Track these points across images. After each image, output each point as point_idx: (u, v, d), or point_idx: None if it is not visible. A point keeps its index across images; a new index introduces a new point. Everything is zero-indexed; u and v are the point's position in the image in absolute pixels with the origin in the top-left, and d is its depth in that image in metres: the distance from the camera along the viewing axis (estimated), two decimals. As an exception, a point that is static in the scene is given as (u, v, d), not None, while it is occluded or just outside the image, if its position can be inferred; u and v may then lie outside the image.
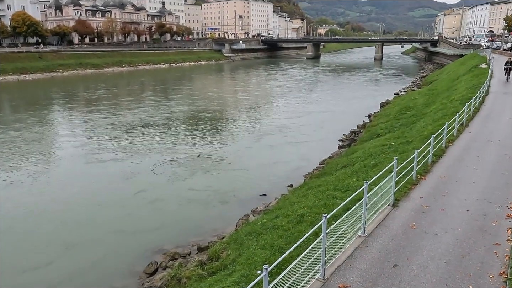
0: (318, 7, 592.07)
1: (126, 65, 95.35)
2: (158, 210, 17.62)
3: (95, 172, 22.70)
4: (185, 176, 21.84)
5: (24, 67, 75.05)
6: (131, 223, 16.40)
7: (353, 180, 13.49)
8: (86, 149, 27.31)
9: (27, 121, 36.74)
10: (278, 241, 9.63)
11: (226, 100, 51.63)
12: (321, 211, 10.89)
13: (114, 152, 26.37)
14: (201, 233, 15.27)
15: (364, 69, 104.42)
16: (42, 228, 15.91)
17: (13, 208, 17.83)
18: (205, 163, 23.95)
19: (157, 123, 36.01)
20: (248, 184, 20.75)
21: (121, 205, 18.08)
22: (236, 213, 16.51)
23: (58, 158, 25.64)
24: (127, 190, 19.80)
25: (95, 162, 24.55)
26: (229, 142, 29.32)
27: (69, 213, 17.16)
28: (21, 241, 14.93)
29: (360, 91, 59.12)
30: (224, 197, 18.97)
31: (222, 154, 25.96)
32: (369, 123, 30.23)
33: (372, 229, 9.13)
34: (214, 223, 16.27)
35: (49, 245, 14.52)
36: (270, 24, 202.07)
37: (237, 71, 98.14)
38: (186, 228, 15.87)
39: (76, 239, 14.96)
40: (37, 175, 22.03)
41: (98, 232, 15.63)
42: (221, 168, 23.33)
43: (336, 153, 24.00)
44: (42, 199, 18.70)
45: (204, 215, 17.14)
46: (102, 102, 48.92)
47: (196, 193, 19.47)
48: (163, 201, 18.54)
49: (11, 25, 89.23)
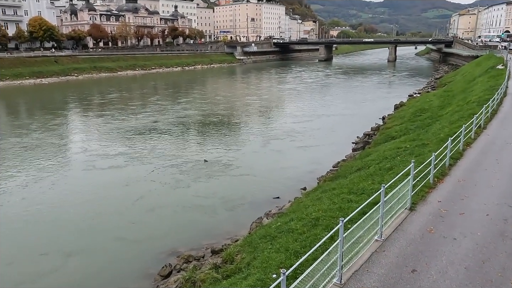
0: (330, 9, 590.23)
1: (139, 68, 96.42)
2: (171, 213, 17.68)
3: (109, 176, 22.78)
4: (197, 180, 21.84)
5: (41, 71, 76.51)
6: (144, 226, 16.48)
7: (368, 183, 13.33)
8: (97, 154, 27.25)
9: (36, 126, 36.89)
10: (293, 244, 9.55)
11: (237, 104, 51.31)
12: (336, 214, 10.79)
13: (125, 157, 26.28)
14: (214, 236, 15.27)
15: (377, 71, 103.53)
16: (57, 232, 16.04)
17: (28, 210, 18.06)
18: (217, 167, 23.91)
19: (168, 127, 35.91)
20: (261, 187, 20.69)
21: (135, 209, 18.16)
22: (250, 216, 16.48)
23: (71, 163, 25.64)
24: (140, 194, 19.85)
25: (108, 166, 24.49)
26: (240, 146, 29.22)
27: (83, 217, 17.26)
28: (36, 244, 15.13)
29: (373, 93, 58.58)
30: (237, 200, 18.94)
31: (233, 158, 25.88)
32: (383, 126, 29.90)
33: (389, 233, 8.98)
34: (227, 226, 16.26)
35: (65, 248, 14.65)
36: (282, 26, 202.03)
37: (248, 74, 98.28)
38: (200, 230, 15.89)
39: (91, 243, 15.08)
40: (49, 181, 22.13)
41: (113, 235, 15.76)
42: (233, 171, 23.29)
43: (350, 155, 23.79)
44: (55, 203, 18.81)
45: (218, 218, 17.14)
46: (113, 106, 49.16)
47: (208, 196, 19.49)
48: (176, 205, 18.58)
49: (28, 30, 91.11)
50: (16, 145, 29.75)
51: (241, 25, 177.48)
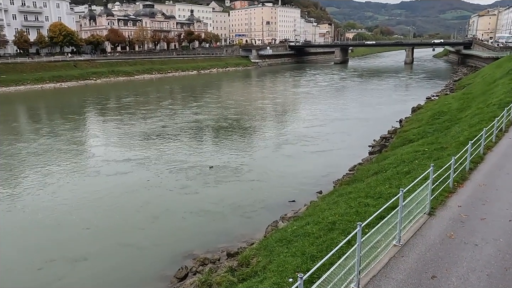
0: (346, 11, 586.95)
1: (156, 72, 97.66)
2: (186, 217, 17.72)
3: (119, 181, 22.64)
4: (211, 183, 21.87)
5: (60, 75, 78.28)
6: (159, 230, 16.60)
7: (386, 187, 13.14)
8: (108, 159, 27.03)
9: (49, 130, 37.08)
10: (309, 248, 9.47)
11: (249, 108, 50.61)
12: (353, 218, 10.67)
13: (135, 162, 26.05)
14: (230, 239, 15.29)
15: (394, 73, 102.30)
16: (71, 235, 16.12)
17: (48, 212, 18.38)
18: (231, 171, 23.88)
19: (178, 132, 35.72)
20: (276, 191, 20.64)
21: (148, 213, 18.24)
22: (265, 219, 16.45)
23: (81, 168, 25.33)
24: (152, 198, 19.96)
25: (118, 171, 24.29)
26: (253, 151, 29.03)
27: (96, 221, 17.39)
28: (55, 244, 15.41)
29: (389, 96, 57.90)
30: (252, 204, 18.92)
31: (247, 162, 25.82)
32: (400, 129, 29.49)
33: (408, 238, 8.83)
34: (243, 229, 16.27)
35: (80, 251, 14.78)
36: (298, 29, 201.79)
37: (262, 77, 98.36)
38: (215, 233, 15.93)
39: (107, 246, 15.22)
40: (61, 185, 22.30)
41: (129, 237, 15.91)
42: (247, 175, 23.24)
43: (366, 159, 23.53)
44: (67, 208, 18.83)
45: (233, 221, 17.15)
46: (125, 110, 49.30)
47: (223, 200, 19.52)
48: (191, 208, 18.63)
49: (49, 35, 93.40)
50: (23, 150, 29.70)
51: (256, 29, 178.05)
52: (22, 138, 34.01)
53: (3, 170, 24.73)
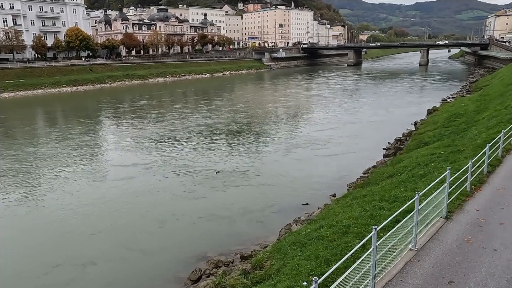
0: (359, 13, 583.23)
1: (169, 75, 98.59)
2: (199, 219, 17.76)
3: (130, 185, 22.54)
4: (221, 187, 21.80)
5: (77, 79, 79.70)
6: (170, 232, 16.70)
7: (401, 191, 12.98)
8: (118, 163, 27.05)
9: (60, 134, 37.41)
10: (323, 252, 9.41)
11: (259, 112, 49.84)
12: (368, 222, 10.57)
13: (145, 166, 25.96)
14: (243, 241, 15.29)
15: (408, 75, 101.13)
16: (78, 238, 16.19)
17: (53, 217, 18.46)
18: (243, 175, 23.83)
19: (190, 134, 35.75)
20: (289, 194, 20.57)
21: (158, 215, 18.32)
22: (278, 222, 16.40)
23: (92, 172, 25.37)
24: (161, 202, 20.01)
25: (128, 175, 24.18)
26: (265, 154, 28.79)
27: (106, 224, 17.41)
28: (61, 249, 15.44)
29: (404, 99, 57.19)
30: (264, 207, 18.89)
31: (258, 165, 25.77)
32: (416, 131, 29.11)
33: (424, 242, 8.69)
34: (256, 232, 16.25)
35: (88, 255, 14.83)
36: (310, 31, 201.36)
37: (275, 80, 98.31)
38: (229, 236, 15.95)
39: (116, 248, 15.35)
40: (73, 184, 22.66)
41: (138, 241, 15.99)
42: (260, 178, 23.17)
43: (380, 162, 23.28)
44: (76, 210, 18.96)
45: (246, 224, 17.16)
46: (137, 114, 49.40)
47: (237, 202, 19.55)
48: (204, 211, 18.68)
49: (65, 40, 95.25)
50: (32, 154, 29.87)
51: (269, 31, 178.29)
52: (32, 142, 34.30)
53: (11, 175, 24.86)
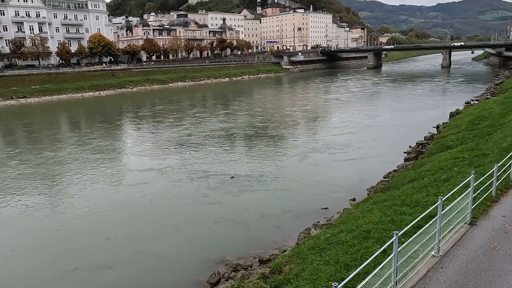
0: (379, 15, 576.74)
1: (189, 80, 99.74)
2: (216, 223, 17.81)
3: (144, 189, 22.56)
4: (240, 191, 21.79)
5: (99, 84, 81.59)
6: (191, 236, 16.79)
7: (423, 195, 12.71)
8: (136, 166, 27.40)
9: (79, 138, 38.17)
10: (343, 257, 9.29)
11: (276, 116, 49.20)
12: (389, 227, 10.38)
13: (160, 170, 26.03)
14: (262, 245, 15.26)
15: (429, 77, 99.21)
16: (93, 243, 16.34)
17: (67, 221, 18.66)
18: (260, 179, 23.77)
19: (206, 139, 35.63)
20: (307, 198, 20.43)
21: (173, 220, 18.41)
22: (297, 227, 16.30)
23: (111, 174, 25.80)
24: (176, 206, 20.09)
25: (144, 179, 24.20)
26: (281, 158, 28.49)
27: (121, 229, 17.51)
28: (77, 254, 15.51)
29: (425, 102, 56.07)
30: (283, 211, 18.81)
31: (275, 169, 25.62)
32: (438, 135, 28.47)
33: (448, 249, 8.47)
34: (274, 236, 16.20)
35: (104, 259, 14.98)
36: (329, 35, 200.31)
37: (293, 84, 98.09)
38: (247, 240, 15.96)
39: (133, 252, 15.47)
40: (88, 189, 22.91)
41: (160, 243, 16.14)
42: (278, 182, 23.10)
43: (401, 166, 22.86)
44: (91, 215, 19.12)
45: (264, 228, 17.12)
46: (154, 118, 49.90)
47: (255, 206, 19.55)
48: (222, 214, 18.75)
49: (88, 46, 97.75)
50: (50, 159, 30.17)
51: (288, 35, 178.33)
52: (52, 147, 34.82)
53: (27, 179, 25.21)
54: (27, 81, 74.87)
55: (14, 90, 70.19)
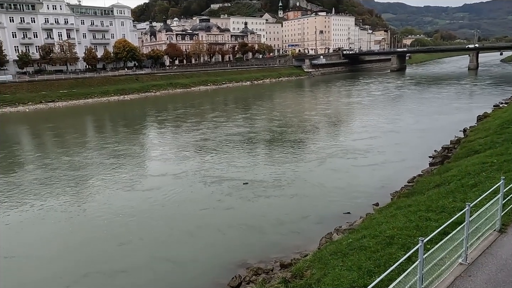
0: (403, 17, 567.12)
1: (211, 83, 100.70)
2: (239, 226, 17.87)
3: (157, 194, 22.56)
4: (260, 196, 21.70)
5: (124, 88, 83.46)
6: (215, 237, 16.88)
7: (449, 201, 12.36)
8: (150, 172, 27.54)
9: (97, 142, 38.82)
10: (366, 263, 9.13)
11: (294, 120, 48.26)
12: (413, 233, 10.15)
13: (174, 175, 26.03)
14: (283, 249, 15.19)
15: (455, 80, 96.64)
16: (107, 248, 16.46)
17: (79, 226, 18.81)
18: (281, 182, 23.63)
19: (222, 144, 35.37)
20: (329, 202, 20.23)
21: (199, 222, 18.49)
22: (319, 231, 16.13)
23: (125, 179, 25.82)
24: (202, 210, 20.04)
25: (158, 185, 24.13)
26: (301, 163, 28.06)
27: (135, 234, 17.50)
28: (90, 259, 15.59)
29: (451, 105, 54.62)
30: (304, 215, 18.67)
31: (297, 173, 25.45)
32: (465, 139, 27.66)
33: (476, 256, 8.19)
34: (296, 240, 16.10)
35: (119, 264, 15.11)
36: (352, 37, 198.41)
37: (314, 87, 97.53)
38: (268, 244, 15.91)
39: (160, 254, 15.64)
40: (111, 193, 23.19)
41: (178, 247, 16.27)
42: (298, 187, 22.92)
43: (426, 170, 22.32)
44: (103, 220, 19.22)
45: (286, 232, 17.03)
46: (173, 122, 50.22)
47: (276, 210, 19.46)
48: (243, 218, 18.79)
49: (114, 51, 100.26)
50: (66, 163, 30.48)
51: (310, 38, 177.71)
52: (70, 152, 34.96)
53: (42, 184, 25.43)
54: (56, 85, 77.40)
55: (43, 95, 72.67)
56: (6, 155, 34.77)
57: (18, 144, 40.72)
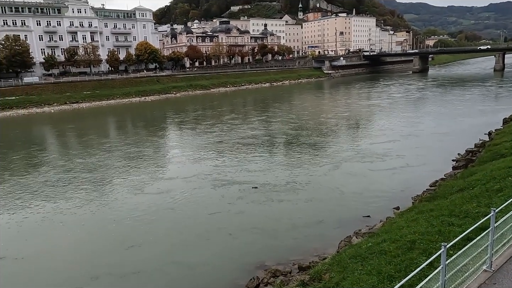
0: (426, 17, 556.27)
1: (230, 85, 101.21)
2: (257, 228, 17.83)
3: (167, 197, 22.41)
4: (276, 198, 21.55)
5: (145, 90, 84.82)
6: (230, 240, 16.88)
7: (473, 206, 12.04)
8: (161, 175, 27.36)
9: (112, 144, 38.77)
10: (386, 267, 8.99)
11: (314, 122, 47.47)
12: (435, 238, 9.94)
13: (185, 179, 25.78)
14: (301, 252, 15.11)
15: (480, 82, 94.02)
16: (139, 246, 16.52)
17: (88, 229, 18.80)
18: (300, 185, 23.43)
19: (236, 146, 35.11)
20: (348, 205, 20.01)
21: (218, 224, 18.50)
22: (338, 234, 16.00)
23: (144, 181, 25.94)
24: (219, 211, 20.02)
25: (168, 188, 23.91)
26: (321, 165, 27.72)
27: (145, 238, 17.36)
28: (102, 260, 15.69)
29: (475, 107, 53.19)
30: (322, 218, 18.49)
31: (315, 176, 25.24)
32: (490, 142, 26.91)
33: (501, 263, 7.95)
34: (314, 243, 15.98)
35: (131, 267, 15.03)
36: (373, 38, 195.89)
37: (334, 89, 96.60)
38: (287, 246, 15.86)
39: (179, 254, 15.79)
40: (122, 195, 23.27)
41: (199, 248, 16.33)
42: (315, 189, 22.69)
43: (449, 174, 21.82)
44: (131, 218, 19.40)
45: (304, 235, 16.93)
46: (189, 124, 50.33)
47: (295, 213, 19.37)
48: (262, 220, 18.75)
49: (136, 53, 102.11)
50: (79, 165, 30.41)
51: (330, 39, 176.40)
52: (84, 153, 35.02)
53: (53, 186, 25.45)
54: (79, 87, 79.34)
55: (68, 96, 74.62)
56: (24, 156, 35.27)
57: (37, 145, 41.08)
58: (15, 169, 30.44)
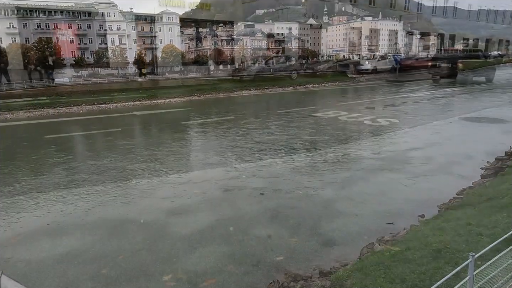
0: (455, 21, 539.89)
1: (253, 88, 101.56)
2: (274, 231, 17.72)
3: (169, 204, 21.69)
4: (289, 205, 20.98)
5: (169, 92, 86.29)
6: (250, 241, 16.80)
7: (503, 216, 11.65)
8: (174, 179, 27.33)
9: (123, 144, 39.07)
10: (410, 276, 8.80)
11: (331, 128, 46.56)
12: (462, 248, 9.66)
13: (190, 184, 24.94)
14: (322, 257, 14.95)
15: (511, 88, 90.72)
16: (168, 249, 16.30)
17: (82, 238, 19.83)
18: (318, 190, 23.09)
19: (248, 152, 33.95)
20: (371, 211, 19.62)
21: (243, 221, 18.61)
22: (359, 241, 15.72)
23: (151, 184, 26.42)
24: (231, 215, 19.59)
25: (170, 195, 23.67)
26: (338, 172, 26.87)
27: (145, 245, 16.77)
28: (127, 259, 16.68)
29: (507, 113, 51.24)
30: (342, 224, 18.23)
31: (340, 180, 24.80)
32: (522, 150, 25.94)
33: (532, 277, 7.63)
34: (335, 248, 15.77)
35: (174, 260, 15.31)
36: (399, 42, 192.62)
37: (357, 94, 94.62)
38: (307, 250, 15.74)
39: (202, 254, 15.73)
40: (129, 201, 23.50)
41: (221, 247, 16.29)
42: (338, 195, 22.37)
43: (478, 183, 21.17)
44: (134, 225, 18.90)
45: (326, 239, 16.76)
46: (205, 128, 49.70)
47: (310, 219, 18.97)
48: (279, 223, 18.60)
49: (162, 56, 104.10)
50: (90, 167, 29.84)
51: (355, 43, 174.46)
52: (97, 155, 34.46)
53: (64, 188, 24.99)
54: (107, 88, 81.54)
55: (96, 97, 76.80)
56: (40, 157, 34.47)
57: (56, 145, 39.81)
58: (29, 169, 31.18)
